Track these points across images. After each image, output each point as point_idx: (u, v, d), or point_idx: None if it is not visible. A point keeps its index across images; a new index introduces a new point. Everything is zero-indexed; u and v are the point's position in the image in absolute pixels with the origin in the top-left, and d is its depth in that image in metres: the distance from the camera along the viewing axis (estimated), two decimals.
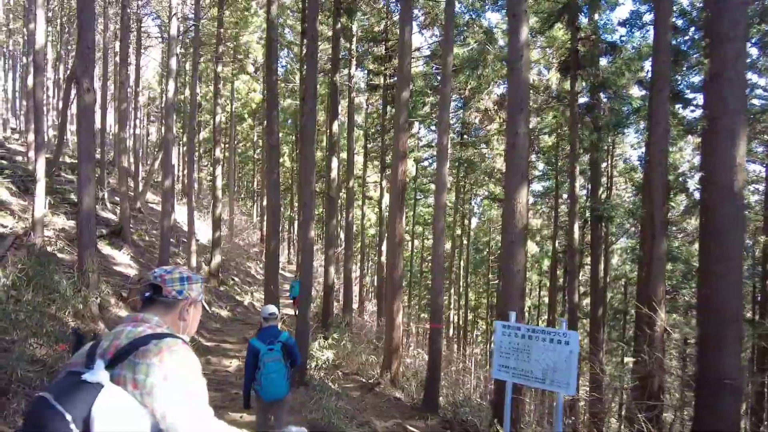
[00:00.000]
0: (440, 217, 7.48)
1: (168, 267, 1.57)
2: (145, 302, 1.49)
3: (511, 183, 5.40)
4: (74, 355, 1.37)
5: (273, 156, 10.67)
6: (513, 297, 5.37)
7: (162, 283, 1.47)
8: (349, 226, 17.52)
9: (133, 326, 1.36)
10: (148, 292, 1.49)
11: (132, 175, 24.43)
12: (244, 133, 41.96)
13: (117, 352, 1.27)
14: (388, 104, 20.72)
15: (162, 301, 1.47)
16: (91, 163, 7.46)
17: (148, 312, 1.45)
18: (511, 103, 5.46)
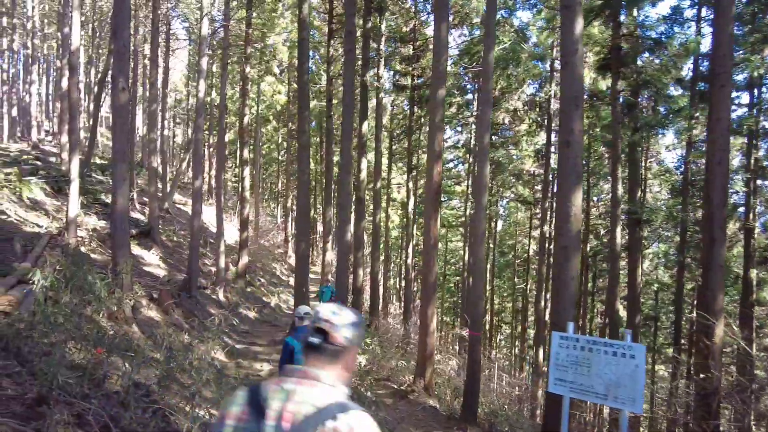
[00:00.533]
0: (480, 219, 7.19)
1: (333, 306, 1.39)
2: (309, 349, 1.34)
3: (565, 184, 5.10)
4: (229, 403, 1.29)
5: (303, 157, 10.51)
6: (567, 306, 5.06)
7: (330, 329, 1.32)
8: (376, 228, 17.30)
9: (308, 386, 1.26)
10: (313, 337, 1.33)
11: (160, 177, 24.71)
12: (268, 134, 42.20)
13: (296, 423, 1.19)
14: (415, 104, 20.48)
15: (329, 348, 1.32)
16: (126, 163, 7.40)
17: (315, 364, 1.32)
18: (565, 98, 5.16)
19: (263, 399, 1.24)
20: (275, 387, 1.26)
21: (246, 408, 1.24)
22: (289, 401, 1.22)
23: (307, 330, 2.37)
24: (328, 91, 21.13)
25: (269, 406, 1.22)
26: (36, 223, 11.20)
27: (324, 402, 1.21)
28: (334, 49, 21.87)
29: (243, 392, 1.29)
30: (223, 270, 14.90)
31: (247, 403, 1.25)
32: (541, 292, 19.14)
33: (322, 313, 1.36)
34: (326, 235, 22.15)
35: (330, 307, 1.38)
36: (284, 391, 1.24)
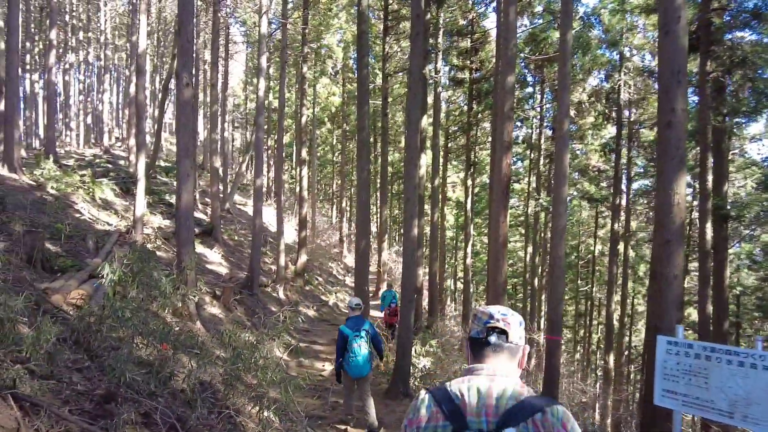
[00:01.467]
0: (560, 214, 6.61)
1: (502, 308, 1.43)
2: (490, 347, 1.36)
3: (667, 170, 4.48)
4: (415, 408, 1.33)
5: (363, 153, 10.24)
6: (670, 307, 4.44)
7: (507, 327, 1.37)
8: (434, 227, 16.85)
9: (501, 382, 1.28)
10: (492, 335, 1.36)
11: (221, 178, 25.39)
12: (323, 136, 42.65)
13: (501, 416, 1.21)
14: (473, 99, 19.86)
15: (508, 347, 1.36)
16: (189, 159, 7.37)
17: (497, 360, 1.35)
18: (665, 73, 4.54)
19: (455, 397, 1.27)
20: (466, 384, 1.29)
21: (437, 408, 1.27)
22: (488, 396, 1.25)
23: (359, 318, 3.89)
24: (384, 89, 20.90)
25: (467, 402, 1.25)
26: (107, 222, 11.58)
27: (523, 395, 1.24)
28: (389, 46, 21.62)
29: (427, 395, 1.32)
30: (282, 268, 14.94)
31: (437, 404, 1.27)
32: (611, 294, 18.02)
33: (496, 313, 1.39)
34: (382, 235, 21.92)
35: (500, 308, 1.41)
36: (477, 388, 1.27)
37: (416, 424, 1.29)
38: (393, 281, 24.04)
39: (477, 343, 1.37)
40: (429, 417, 1.28)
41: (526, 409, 1.20)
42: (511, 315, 1.40)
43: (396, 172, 36.50)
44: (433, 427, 1.26)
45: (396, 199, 39.50)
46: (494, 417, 1.21)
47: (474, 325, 1.42)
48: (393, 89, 28.89)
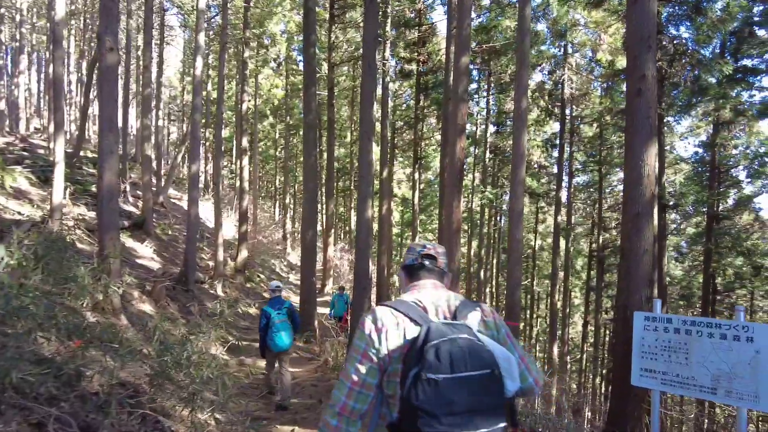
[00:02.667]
0: (519, 195, 6.35)
1: (425, 241, 1.44)
2: (425, 270, 1.57)
3: (636, 139, 4.27)
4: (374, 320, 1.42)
5: (310, 137, 9.67)
6: (640, 283, 4.23)
7: (437, 255, 1.60)
8: (382, 220, 16.44)
9: (443, 290, 1.54)
10: (426, 260, 1.58)
11: (154, 171, 23.79)
12: (265, 131, 41.25)
13: (454, 312, 1.45)
14: (421, 92, 19.64)
15: (437, 270, 1.58)
16: (114, 134, 6.51)
17: (431, 279, 1.56)
18: (634, 39, 4.33)
19: (416, 303, 1.45)
20: (417, 295, 1.49)
21: (398, 314, 1.40)
22: (438, 299, 1.48)
23: (279, 299, 5.59)
24: (330, 79, 20.28)
25: (425, 306, 1.44)
26: (18, 211, 10.29)
27: (460, 297, 1.52)
28: (335, 35, 21.04)
29: (384, 307, 1.44)
30: (221, 264, 14.02)
31: (398, 311, 1.41)
32: (555, 286, 18.38)
33: (428, 244, 1.65)
34: (328, 230, 21.29)
35: (427, 241, 1.83)
36: (429, 295, 1.48)
37: (384, 329, 1.37)
38: (340, 277, 23.48)
39: (412, 268, 1.58)
40: (396, 322, 1.38)
41: (469, 305, 1.47)
42: (438, 246, 1.65)
43: (342, 167, 35.89)
44: (401, 328, 1.37)
45: (342, 195, 38.89)
46: (449, 313, 1.43)
47: (409, 255, 1.63)
48: (339, 81, 28.29)
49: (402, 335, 1.35)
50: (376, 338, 1.36)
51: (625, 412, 4.16)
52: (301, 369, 7.94)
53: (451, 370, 1.23)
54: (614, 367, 4.52)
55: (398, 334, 1.35)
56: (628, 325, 4.27)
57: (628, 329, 4.34)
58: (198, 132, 10.99)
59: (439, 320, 1.36)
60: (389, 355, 1.35)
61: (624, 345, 4.31)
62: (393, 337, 1.35)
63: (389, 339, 1.35)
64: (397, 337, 1.35)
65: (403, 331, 1.35)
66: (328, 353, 8.19)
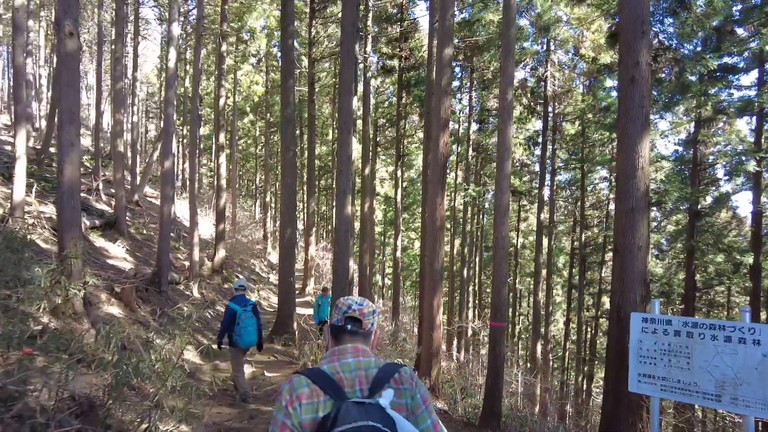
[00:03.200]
0: (504, 189, 6.11)
1: (356, 298, 1.63)
2: (348, 333, 1.56)
3: (629, 129, 4.05)
4: (293, 389, 1.40)
5: (288, 131, 9.32)
6: (635, 282, 4.02)
7: (361, 317, 1.57)
8: (365, 218, 16.12)
9: (363, 357, 1.50)
10: (348, 324, 1.57)
11: (130, 169, 23.06)
12: (245, 128, 40.55)
13: (371, 382, 1.43)
14: (403, 89, 19.35)
15: (362, 333, 1.57)
16: (74, 126, 6.07)
17: (355, 342, 1.55)
18: (627, 26, 4.11)
19: (332, 374, 1.42)
20: (337, 363, 1.47)
21: (315, 386, 1.38)
22: (357, 369, 1.45)
23: (243, 297, 5.91)
24: (310, 75, 19.89)
25: (342, 377, 1.42)
26: None
27: (381, 364, 1.49)
28: (315, 30, 20.64)
29: (302, 377, 1.41)
30: (197, 264, 13.54)
31: (315, 383, 1.38)
32: (538, 284, 18.30)
33: (354, 305, 1.59)
34: (309, 229, 20.89)
35: (357, 299, 1.62)
36: (347, 364, 1.46)
37: (298, 401, 1.35)
38: (321, 277, 23.08)
39: (337, 329, 1.57)
40: (308, 394, 1.37)
41: (388, 372, 1.45)
42: (366, 306, 1.59)
43: (324, 165, 35.41)
44: (315, 403, 1.35)
45: (324, 194, 38.42)
46: (366, 384, 1.42)
47: (335, 314, 1.59)
48: (320, 77, 27.88)
49: (315, 409, 1.35)
50: (291, 410, 1.35)
51: (620, 418, 3.94)
52: (279, 374, 7.59)
53: None
54: (607, 370, 4.31)
55: (312, 408, 1.35)
56: (623, 326, 4.05)
57: (622, 330, 4.12)
58: (171, 127, 10.53)
59: (355, 394, 1.38)
60: (303, 428, 1.34)
61: (617, 346, 4.09)
62: (306, 411, 1.35)
63: (302, 412, 1.35)
64: (311, 410, 1.35)
65: (317, 406, 1.36)
66: (307, 357, 7.86)
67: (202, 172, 41.95)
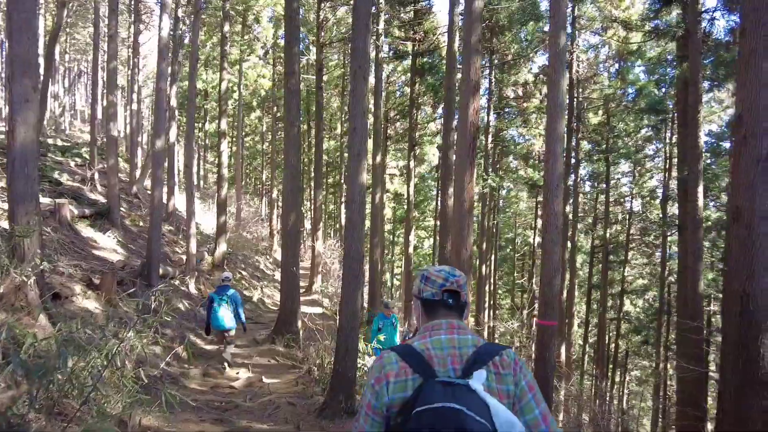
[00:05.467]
0: (557, 156, 4.95)
1: (447, 268, 1.49)
2: (444, 308, 1.43)
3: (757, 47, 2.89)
4: (382, 367, 1.33)
5: (293, 105, 8.22)
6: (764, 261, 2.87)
7: (459, 289, 1.45)
8: (375, 211, 15.00)
9: (460, 334, 1.37)
10: (448, 298, 1.43)
11: (129, 160, 22.16)
12: (252, 125, 39.64)
13: (465, 363, 1.29)
14: (416, 74, 18.21)
15: (461, 305, 1.45)
16: (29, 78, 5.00)
17: (451, 317, 1.42)
18: None
19: (422, 351, 1.31)
20: (428, 340, 1.35)
21: (404, 363, 1.29)
22: (450, 347, 1.32)
23: (225, 287, 7.32)
24: (318, 61, 18.80)
25: (432, 355, 1.30)
26: None
27: (480, 343, 1.34)
28: (324, 13, 19.55)
29: (392, 353, 1.33)
30: (194, 257, 12.48)
31: (403, 360, 1.30)
32: (562, 282, 17.07)
33: (450, 277, 1.44)
34: (316, 224, 19.79)
35: (449, 269, 1.47)
36: (439, 341, 1.34)
37: (385, 380, 1.29)
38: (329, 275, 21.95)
39: (432, 304, 1.43)
40: (397, 372, 1.29)
41: (486, 353, 1.31)
42: (462, 276, 1.48)
43: (331, 161, 34.37)
44: (403, 380, 1.27)
45: (332, 192, 37.34)
46: (460, 364, 1.29)
47: (427, 287, 1.44)
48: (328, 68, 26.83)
49: (404, 387, 1.27)
50: (379, 389, 1.29)
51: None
52: (279, 380, 6.46)
53: None
54: (725, 384, 3.15)
55: (400, 387, 1.27)
56: (751, 322, 2.85)
57: (750, 327, 2.94)
58: (163, 102, 9.47)
59: (447, 373, 1.27)
60: (390, 408, 1.27)
61: (741, 353, 2.92)
62: (394, 390, 1.27)
63: (390, 390, 1.27)
64: (400, 389, 1.27)
65: (405, 384, 1.27)
66: (312, 361, 6.73)
67: (207, 168, 41.11)
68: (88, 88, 43.38)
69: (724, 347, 3.16)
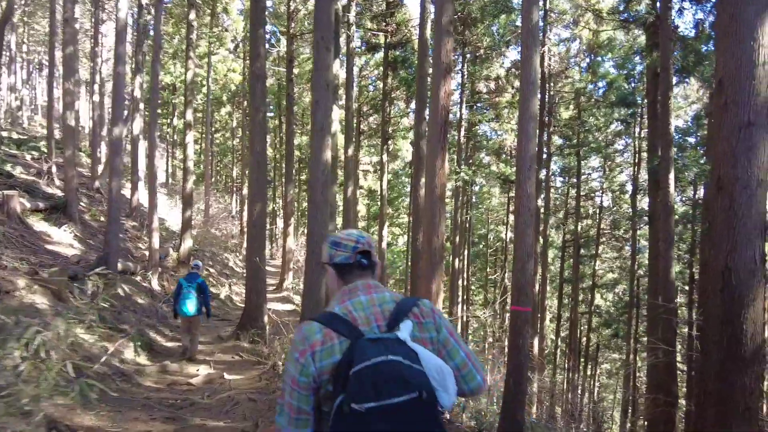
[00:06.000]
0: (531, 136, 4.74)
1: (354, 231, 1.50)
2: (358, 269, 1.42)
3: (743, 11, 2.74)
4: (306, 337, 1.29)
5: (258, 89, 7.87)
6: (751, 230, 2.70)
7: (370, 248, 1.45)
8: (348, 205, 14.69)
9: (377, 292, 1.38)
10: (361, 258, 1.42)
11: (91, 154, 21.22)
12: (222, 121, 38.73)
13: (388, 318, 1.30)
14: (389, 67, 17.95)
15: (371, 266, 1.45)
16: None
17: (365, 277, 1.43)
18: None
19: (344, 315, 1.30)
20: (348, 303, 1.33)
21: (328, 330, 1.26)
22: (371, 306, 1.32)
23: (195, 275, 7.44)
24: (289, 53, 18.40)
25: (355, 317, 1.29)
26: None
27: (397, 297, 1.37)
28: (295, 3, 19.12)
29: (313, 323, 1.29)
30: (157, 252, 11.94)
31: (327, 327, 1.27)
32: (534, 276, 17.09)
33: (360, 238, 1.44)
34: (287, 218, 19.37)
35: (357, 232, 1.49)
36: (359, 302, 1.33)
37: (310, 350, 1.25)
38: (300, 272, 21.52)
39: (346, 267, 1.42)
40: (323, 340, 1.25)
41: (406, 305, 1.33)
42: (368, 236, 1.47)
43: (304, 158, 33.87)
44: (330, 346, 1.24)
45: (305, 189, 36.76)
46: (383, 320, 1.29)
47: (339, 251, 1.42)
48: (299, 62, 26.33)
49: (331, 352, 1.23)
50: (305, 361, 1.24)
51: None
52: (242, 376, 6.11)
53: (376, 398, 1.11)
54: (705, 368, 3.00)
55: (328, 352, 1.23)
56: (733, 297, 2.69)
57: (733, 302, 2.78)
58: (122, 87, 8.97)
59: (372, 331, 1.25)
60: (319, 377, 1.24)
61: (727, 330, 2.76)
62: (322, 356, 1.23)
63: (318, 359, 1.23)
64: (327, 355, 1.23)
65: (332, 349, 1.23)
66: (278, 355, 6.41)
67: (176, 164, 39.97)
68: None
69: (705, 326, 3.02)
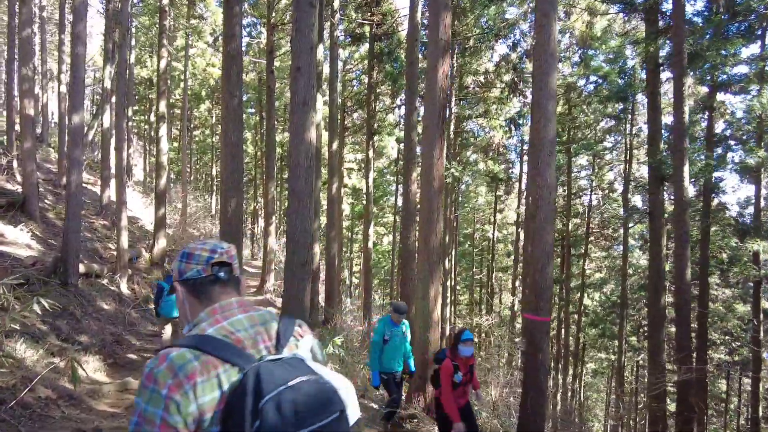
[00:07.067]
0: (550, 116, 4.09)
1: (217, 241, 1.25)
2: (220, 284, 1.19)
3: None
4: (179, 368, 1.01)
5: (233, 72, 7.09)
6: None
7: (231, 260, 1.22)
8: (332, 200, 13.92)
9: (253, 311, 1.20)
10: (220, 272, 1.19)
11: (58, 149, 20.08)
12: (202, 117, 37.62)
13: (275, 338, 1.16)
14: (375, 59, 17.23)
15: (235, 281, 1.23)
16: None
17: (230, 293, 1.20)
18: None
19: (222, 338, 1.07)
20: (226, 324, 1.11)
21: (207, 358, 1.01)
22: (253, 325, 1.15)
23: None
24: (269, 43, 17.53)
25: (239, 339, 1.09)
26: None
27: (274, 311, 1.29)
28: None
29: (185, 350, 1.02)
30: (125, 253, 11.05)
31: (206, 354, 1.02)
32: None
33: (218, 248, 1.21)
34: (269, 217, 18.51)
35: (216, 241, 1.26)
36: (239, 321, 1.14)
37: (188, 383, 0.97)
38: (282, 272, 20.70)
39: (199, 283, 1.18)
40: (201, 369, 1.00)
41: (289, 324, 1.20)
42: (229, 246, 1.25)
43: (286, 155, 32.87)
44: (214, 376, 1.01)
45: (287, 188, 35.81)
46: (270, 341, 1.15)
47: (191, 264, 1.18)
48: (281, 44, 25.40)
49: (216, 385, 1.00)
50: (180, 398, 0.96)
51: None
52: None
53: (298, 426, 0.95)
54: None
55: (211, 386, 0.99)
56: None
57: None
58: (82, 71, 8.09)
59: (259, 353, 1.08)
60: (200, 417, 0.98)
61: None
62: (204, 391, 0.99)
63: (199, 395, 0.98)
64: (210, 389, 0.99)
65: (217, 380, 1.01)
66: None
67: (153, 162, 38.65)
68: None
69: None
